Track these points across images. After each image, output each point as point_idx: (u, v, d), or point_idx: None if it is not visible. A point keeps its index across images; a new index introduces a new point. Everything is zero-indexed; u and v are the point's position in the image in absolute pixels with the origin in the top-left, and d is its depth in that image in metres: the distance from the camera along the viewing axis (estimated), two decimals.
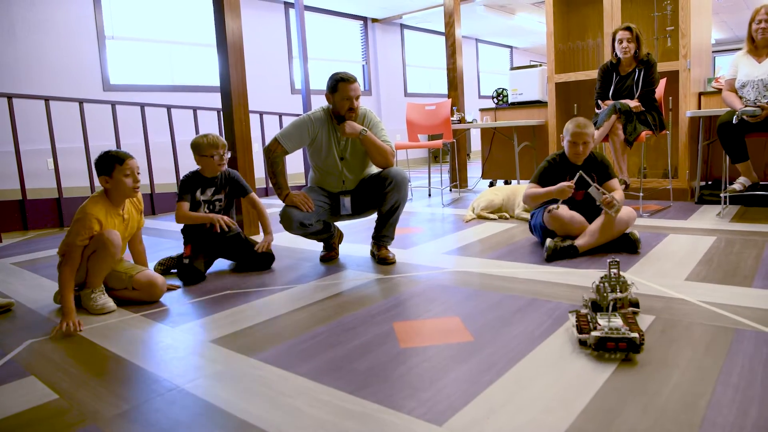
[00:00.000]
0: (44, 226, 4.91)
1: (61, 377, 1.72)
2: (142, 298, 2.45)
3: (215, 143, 2.92)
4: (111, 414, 1.46)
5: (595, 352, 1.63)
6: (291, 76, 8.43)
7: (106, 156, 2.39)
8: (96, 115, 5.48)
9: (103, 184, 2.40)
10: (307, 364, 1.70)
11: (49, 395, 1.61)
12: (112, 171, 2.37)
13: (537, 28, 11.23)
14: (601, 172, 2.96)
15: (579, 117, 2.94)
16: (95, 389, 1.62)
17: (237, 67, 3.90)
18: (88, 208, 2.34)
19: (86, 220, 2.30)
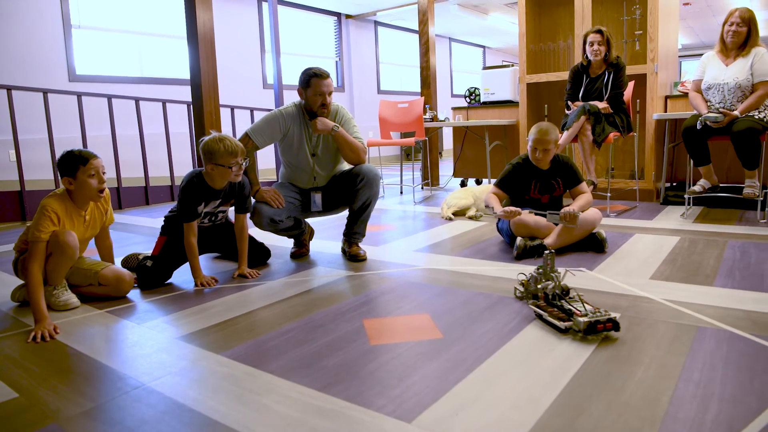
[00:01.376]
0: (4, 219, 4.76)
1: (21, 375, 1.67)
2: (109, 293, 2.40)
3: (234, 150, 2.50)
4: (74, 413, 1.43)
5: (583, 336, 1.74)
6: (263, 70, 8.34)
7: (69, 156, 2.26)
8: (61, 106, 5.34)
9: (67, 186, 2.28)
10: (276, 361, 1.68)
11: (8, 393, 1.56)
12: (76, 172, 2.25)
13: (509, 28, 11.35)
14: (567, 177, 3.00)
15: (544, 122, 2.96)
16: (57, 387, 1.58)
17: (208, 59, 3.84)
18: (47, 202, 2.25)
19: (45, 212, 2.21)
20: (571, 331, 1.78)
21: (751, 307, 1.97)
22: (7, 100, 4.71)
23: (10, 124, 4.74)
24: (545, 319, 1.88)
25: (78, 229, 2.34)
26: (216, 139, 2.52)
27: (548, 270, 2.04)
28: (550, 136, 2.87)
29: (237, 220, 2.73)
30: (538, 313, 1.92)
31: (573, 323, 1.77)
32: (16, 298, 2.40)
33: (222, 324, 2.04)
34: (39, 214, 2.21)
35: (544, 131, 2.88)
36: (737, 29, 3.55)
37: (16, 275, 2.45)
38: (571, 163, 3.03)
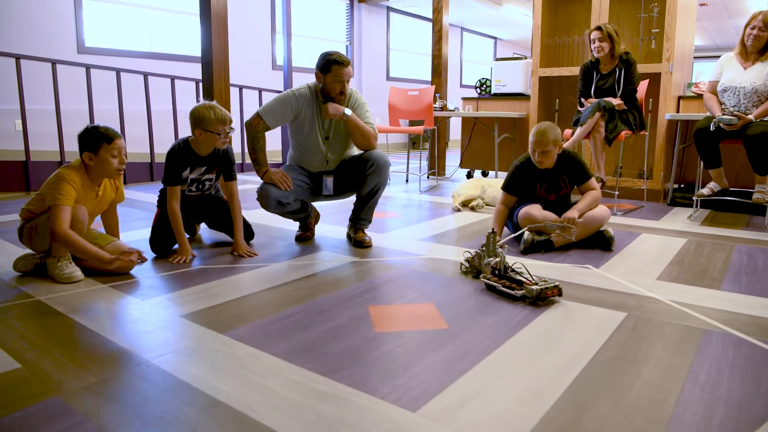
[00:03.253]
0: (9, 189, 4.75)
1: (24, 346, 1.67)
2: (112, 269, 2.38)
3: (224, 119, 2.62)
4: (76, 386, 1.42)
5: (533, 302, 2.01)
6: (273, 51, 8.28)
7: (95, 132, 2.26)
8: (69, 78, 5.30)
9: (86, 161, 2.27)
10: (281, 343, 1.68)
11: (11, 364, 1.55)
12: (99, 149, 2.25)
13: (523, 20, 11.25)
14: (574, 174, 2.94)
15: (544, 123, 2.86)
16: (60, 360, 1.57)
17: (220, 38, 3.81)
18: (66, 172, 2.24)
19: (65, 179, 2.20)
20: (524, 298, 2.02)
21: (759, 313, 1.96)
22: (15, 69, 4.68)
23: (17, 93, 4.71)
24: (499, 290, 2.10)
25: (89, 203, 2.34)
26: (207, 106, 2.63)
27: (492, 247, 2.26)
28: (549, 137, 2.77)
29: (227, 188, 2.78)
30: (491, 285, 2.14)
31: (526, 291, 2.00)
32: (18, 268, 2.39)
33: (225, 304, 2.03)
34: (58, 181, 2.20)
35: (542, 132, 2.79)
36: (759, 33, 3.50)
37: (20, 242, 2.45)
38: (578, 158, 2.96)
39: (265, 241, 3.01)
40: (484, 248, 2.29)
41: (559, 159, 2.91)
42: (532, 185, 2.95)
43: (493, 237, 2.27)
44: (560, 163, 2.92)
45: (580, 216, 2.80)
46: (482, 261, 2.28)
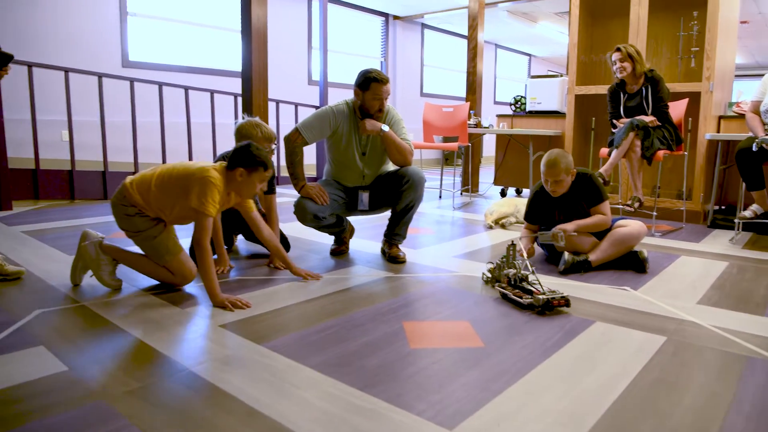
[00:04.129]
0: (55, 197, 4.92)
1: (71, 349, 1.73)
2: (166, 279, 2.37)
3: (269, 136, 2.67)
4: (119, 391, 1.46)
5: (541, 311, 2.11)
6: (309, 66, 8.42)
7: (258, 155, 2.22)
8: (113, 91, 5.48)
9: (237, 177, 2.23)
10: (317, 356, 1.70)
11: (58, 366, 1.61)
12: (254, 171, 2.23)
13: (557, 38, 11.20)
14: (589, 196, 2.84)
15: (554, 150, 2.79)
16: (104, 364, 1.62)
17: (259, 53, 3.90)
18: (214, 177, 2.19)
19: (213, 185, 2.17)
20: (532, 307, 2.13)
21: None
22: (63, 82, 4.86)
23: (65, 105, 4.90)
24: (509, 297, 2.23)
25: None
26: (253, 124, 2.68)
27: (511, 259, 2.38)
28: (561, 165, 2.71)
29: (266, 201, 2.80)
30: (503, 293, 2.28)
31: (533, 300, 2.11)
32: (76, 281, 2.41)
33: (262, 315, 2.07)
34: (209, 186, 2.17)
35: (553, 162, 2.72)
36: None
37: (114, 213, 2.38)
38: (593, 179, 2.85)
39: (299, 254, 3.05)
40: (504, 259, 2.41)
41: (574, 182, 2.83)
42: (550, 213, 2.92)
43: (513, 249, 2.39)
44: (575, 187, 2.84)
45: (575, 230, 2.76)
46: (502, 272, 2.40)
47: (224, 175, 2.25)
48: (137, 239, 2.35)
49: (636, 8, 4.53)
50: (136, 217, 2.30)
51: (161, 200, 2.29)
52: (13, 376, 1.54)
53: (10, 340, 1.79)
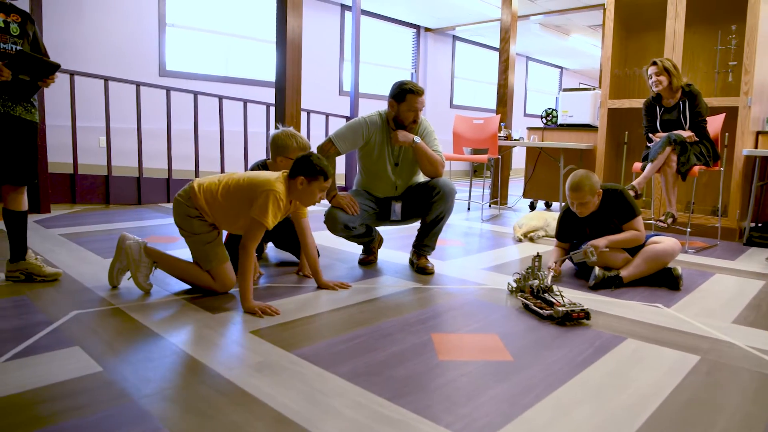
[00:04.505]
0: (91, 201, 5.05)
1: (105, 351, 1.77)
2: (206, 284, 2.41)
3: (304, 147, 2.71)
4: (152, 392, 1.49)
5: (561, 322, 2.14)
6: (340, 77, 8.50)
7: (319, 164, 2.27)
8: (150, 99, 5.62)
9: (298, 185, 2.28)
10: (345, 365, 1.70)
11: (93, 367, 1.65)
12: (315, 180, 2.28)
13: (590, 50, 11.11)
14: (621, 212, 2.80)
15: (579, 172, 2.75)
16: (137, 366, 1.66)
17: (294, 64, 3.96)
18: (279, 190, 2.24)
19: (277, 200, 2.22)
20: (552, 318, 2.16)
21: None
22: (103, 90, 5.01)
23: (103, 112, 5.04)
24: (531, 308, 2.27)
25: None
26: (288, 134, 2.72)
27: (535, 270, 2.44)
28: (585, 188, 2.67)
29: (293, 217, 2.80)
30: (525, 303, 2.32)
31: (553, 312, 2.15)
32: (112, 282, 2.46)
33: (292, 323, 2.09)
34: (271, 199, 2.21)
35: (577, 184, 2.69)
36: None
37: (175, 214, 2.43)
38: (624, 194, 2.81)
39: (328, 263, 3.07)
40: (529, 270, 2.46)
41: (604, 198, 2.79)
42: (581, 231, 2.89)
43: (538, 260, 2.45)
44: (605, 204, 2.79)
45: (607, 245, 2.72)
46: (527, 282, 2.43)
47: (287, 185, 2.30)
48: (190, 240, 2.42)
49: (672, 22, 4.48)
50: (195, 220, 2.37)
51: (225, 210, 2.35)
52: (50, 375, 1.58)
53: (47, 340, 1.84)
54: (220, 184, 2.36)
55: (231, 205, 2.33)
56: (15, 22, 2.44)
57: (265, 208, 2.20)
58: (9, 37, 2.40)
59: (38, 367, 1.63)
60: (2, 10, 2.42)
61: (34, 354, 1.73)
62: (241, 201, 2.30)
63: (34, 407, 1.40)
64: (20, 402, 1.43)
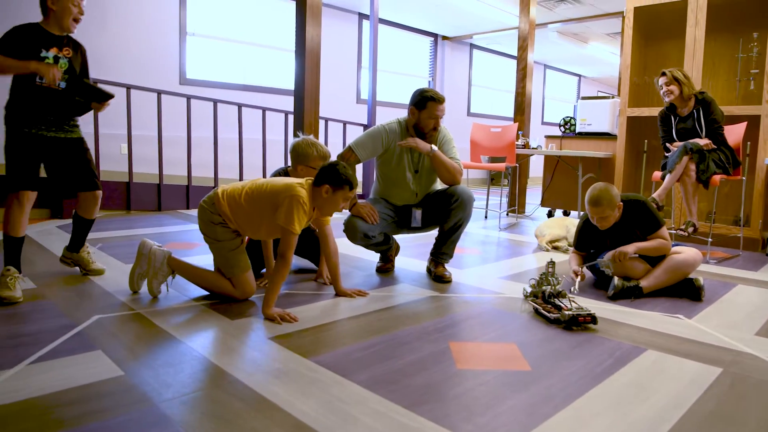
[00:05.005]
0: (112, 207, 5.13)
1: (127, 355, 1.79)
2: (226, 291, 2.43)
3: (325, 155, 2.73)
4: (173, 397, 1.51)
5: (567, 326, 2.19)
6: (358, 85, 8.54)
7: (344, 174, 2.27)
8: (170, 107, 5.70)
9: (323, 193, 2.28)
10: (364, 373, 1.71)
11: (115, 371, 1.67)
12: (340, 189, 2.28)
13: (609, 58, 11.05)
14: (645, 224, 2.77)
15: (598, 185, 2.71)
16: (157, 371, 1.68)
17: (312, 73, 3.99)
18: (302, 196, 2.24)
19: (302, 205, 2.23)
20: (558, 321, 2.22)
21: None
22: (125, 98, 5.09)
23: (125, 120, 5.12)
24: (540, 312, 2.33)
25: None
26: (309, 143, 2.74)
27: (548, 276, 2.44)
28: (604, 202, 2.64)
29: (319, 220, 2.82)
30: (535, 308, 2.38)
31: (560, 315, 2.20)
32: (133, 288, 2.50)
33: (310, 330, 2.10)
34: (296, 205, 2.22)
35: (596, 199, 2.65)
36: None
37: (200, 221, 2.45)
38: (647, 205, 2.77)
39: (345, 271, 3.08)
40: (543, 276, 2.48)
41: (625, 210, 2.75)
42: (601, 242, 2.86)
43: (552, 266, 2.45)
44: (627, 215, 2.76)
45: (636, 252, 2.70)
46: (541, 288, 2.46)
47: (310, 192, 2.30)
48: (213, 247, 2.44)
49: (692, 29, 4.44)
50: (218, 227, 2.39)
51: (249, 216, 2.36)
52: (73, 379, 1.61)
53: (71, 344, 1.87)
54: (243, 190, 2.38)
55: (254, 211, 2.35)
56: (66, 57, 2.59)
57: (291, 215, 2.21)
58: None
59: (61, 371, 1.66)
60: (56, 43, 2.56)
61: (57, 357, 1.76)
62: (264, 207, 2.32)
63: (57, 410, 1.43)
64: (43, 404, 1.45)
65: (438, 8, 8.10)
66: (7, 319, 2.11)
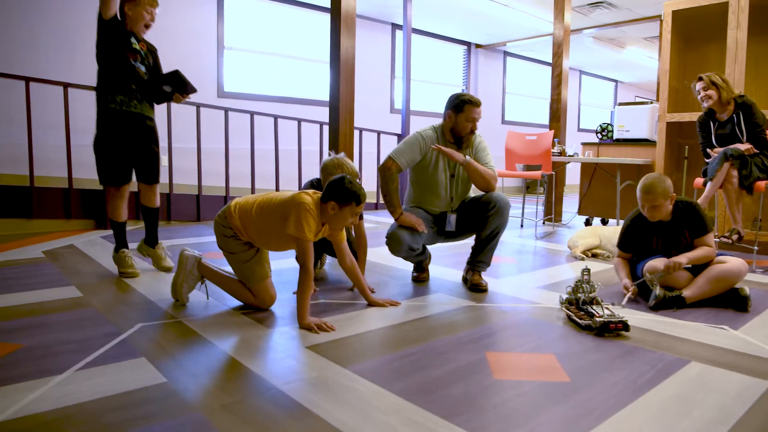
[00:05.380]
0: None
1: (170, 363, 1.84)
2: (249, 301, 2.48)
3: (354, 173, 2.77)
4: (214, 404, 1.54)
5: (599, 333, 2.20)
6: (392, 95, 8.59)
7: (351, 189, 2.27)
8: (209, 119, 5.83)
9: (329, 208, 2.29)
10: (400, 382, 1.71)
11: (158, 378, 1.72)
12: (346, 205, 2.28)
13: (646, 62, 10.85)
14: (694, 226, 2.73)
15: (651, 174, 2.71)
16: (199, 378, 1.72)
17: (347, 84, 4.04)
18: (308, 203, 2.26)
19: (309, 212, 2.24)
20: (590, 328, 2.23)
21: None
22: (166, 112, 5.23)
23: (166, 132, 5.26)
24: (572, 318, 2.35)
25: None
26: (336, 163, 2.81)
27: (583, 284, 2.45)
28: (658, 190, 2.62)
29: (357, 227, 2.86)
30: (568, 314, 2.40)
31: (591, 322, 2.22)
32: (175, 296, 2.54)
33: (347, 339, 2.11)
34: (305, 213, 2.23)
35: (649, 186, 2.64)
36: None
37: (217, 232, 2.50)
38: (699, 209, 2.74)
39: (381, 280, 3.09)
40: (579, 283, 2.48)
41: (676, 210, 2.73)
42: (648, 240, 2.81)
43: (588, 273, 2.47)
44: (678, 215, 2.74)
45: (688, 263, 2.64)
46: (576, 295, 2.46)
47: (318, 206, 2.32)
48: (230, 259, 2.49)
49: (734, 32, 4.33)
50: (231, 240, 2.44)
51: (259, 227, 2.40)
52: (118, 385, 1.66)
53: (116, 351, 1.93)
54: (255, 203, 2.42)
55: (264, 223, 2.38)
56: (143, 50, 3.14)
57: (299, 223, 2.23)
58: (141, 57, 3.10)
59: (108, 377, 1.71)
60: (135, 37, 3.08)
61: (103, 364, 1.81)
62: (273, 219, 2.34)
63: (105, 415, 1.47)
64: (90, 410, 1.50)
65: (472, 17, 8.10)
66: (56, 326, 2.19)
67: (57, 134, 5.01)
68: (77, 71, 5.40)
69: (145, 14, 3.02)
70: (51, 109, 5.04)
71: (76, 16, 5.55)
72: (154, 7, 3.06)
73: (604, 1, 7.24)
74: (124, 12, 2.99)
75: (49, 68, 5.39)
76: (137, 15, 3.00)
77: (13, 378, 1.69)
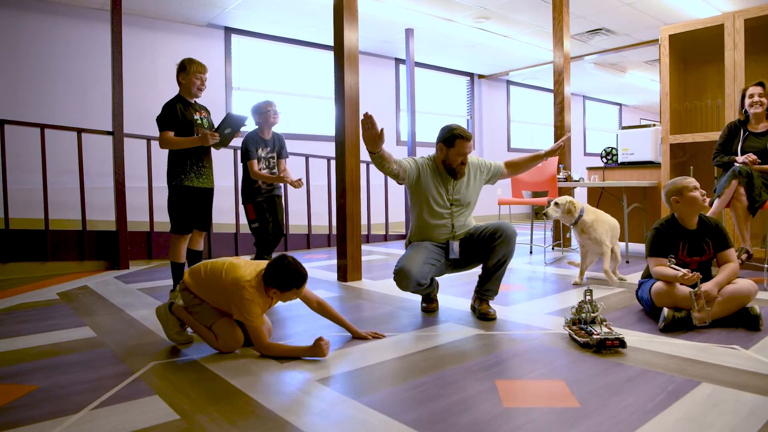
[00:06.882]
0: (166, 256, 5.33)
1: (182, 400, 1.86)
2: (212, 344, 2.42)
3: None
4: None
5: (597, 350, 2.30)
6: (397, 127, 8.71)
7: (290, 276, 2.29)
8: (218, 158, 5.92)
9: (270, 293, 2.33)
10: (411, 413, 1.72)
11: (171, 415, 1.74)
12: (288, 291, 2.32)
13: (649, 85, 10.94)
14: (717, 240, 2.81)
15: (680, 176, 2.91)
16: (212, 414, 1.74)
17: (352, 119, 4.12)
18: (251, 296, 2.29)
19: (248, 300, 2.27)
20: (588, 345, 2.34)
21: None
22: None
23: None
24: (573, 337, 2.45)
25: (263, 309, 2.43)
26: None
27: (585, 303, 2.51)
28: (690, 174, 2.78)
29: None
30: (570, 333, 2.50)
31: (589, 339, 2.32)
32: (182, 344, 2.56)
33: (357, 371, 2.13)
34: (242, 303, 2.27)
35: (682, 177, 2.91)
36: None
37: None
38: (721, 225, 2.85)
39: (390, 311, 3.11)
40: (581, 303, 2.53)
41: (701, 223, 2.85)
42: (674, 246, 2.83)
43: (590, 294, 2.52)
44: (702, 226, 2.85)
45: (719, 290, 2.63)
46: (579, 315, 2.53)
47: (260, 286, 2.33)
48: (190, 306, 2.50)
49: (731, 53, 4.39)
50: (185, 293, 2.51)
51: (207, 287, 2.44)
52: (132, 423, 1.68)
53: (129, 390, 1.96)
54: (208, 264, 2.47)
55: (210, 283, 2.42)
56: (203, 117, 3.58)
57: (245, 310, 2.27)
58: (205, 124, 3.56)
59: (121, 416, 1.74)
60: (195, 107, 3.55)
61: (118, 403, 1.84)
62: (217, 283, 2.38)
63: None
64: None
65: (473, 48, 8.24)
66: (71, 366, 2.23)
67: (70, 178, 5.12)
68: (90, 116, 5.56)
69: (196, 80, 3.44)
70: (65, 153, 5.17)
71: (90, 64, 5.74)
72: (203, 73, 3.47)
73: (602, 28, 7.36)
74: (179, 81, 3.45)
75: (63, 114, 5.54)
76: (189, 83, 3.43)
77: (29, 419, 1.72)
